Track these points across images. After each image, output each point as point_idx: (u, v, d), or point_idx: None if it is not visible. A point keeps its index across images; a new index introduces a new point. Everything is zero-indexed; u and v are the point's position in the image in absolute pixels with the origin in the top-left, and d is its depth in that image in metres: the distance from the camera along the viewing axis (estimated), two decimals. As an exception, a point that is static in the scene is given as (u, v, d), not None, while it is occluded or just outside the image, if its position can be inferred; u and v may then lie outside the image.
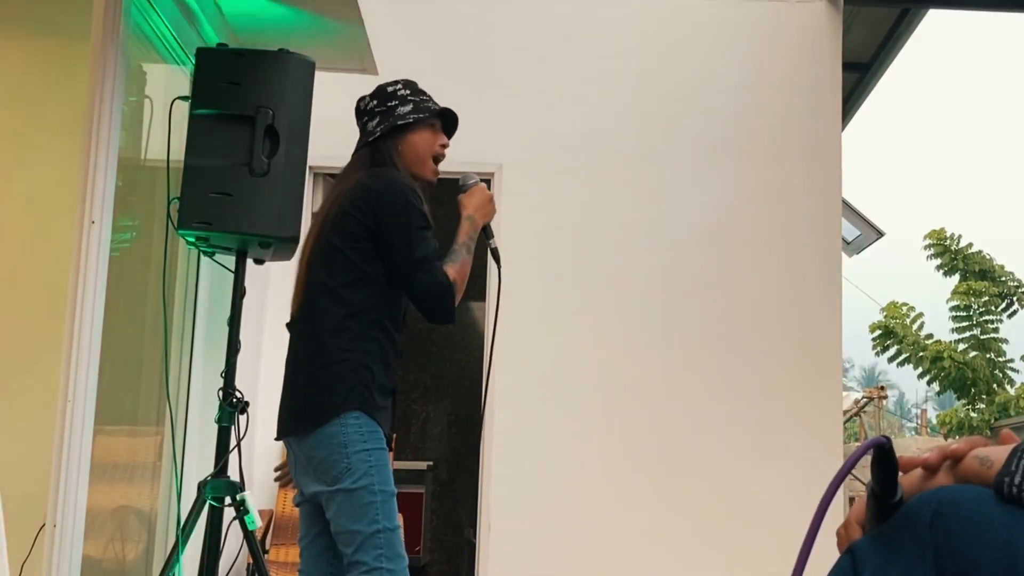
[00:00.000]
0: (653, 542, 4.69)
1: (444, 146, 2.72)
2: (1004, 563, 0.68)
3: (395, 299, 2.56)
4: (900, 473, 0.83)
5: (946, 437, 14.21)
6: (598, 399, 4.76)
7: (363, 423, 2.40)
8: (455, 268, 2.55)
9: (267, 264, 3.17)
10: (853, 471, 9.23)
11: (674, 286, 4.90)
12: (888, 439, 0.81)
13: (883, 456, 0.81)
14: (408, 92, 2.70)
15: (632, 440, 4.77)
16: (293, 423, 2.50)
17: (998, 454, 0.76)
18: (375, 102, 2.68)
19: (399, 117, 2.63)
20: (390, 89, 2.70)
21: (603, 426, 4.76)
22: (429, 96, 2.75)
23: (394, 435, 2.67)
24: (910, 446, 15.99)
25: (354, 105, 2.74)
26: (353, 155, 2.68)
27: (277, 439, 2.60)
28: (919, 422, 23.17)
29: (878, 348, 14.34)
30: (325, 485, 2.39)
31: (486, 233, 2.73)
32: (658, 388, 4.83)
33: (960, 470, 0.79)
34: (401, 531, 2.43)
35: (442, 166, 5.48)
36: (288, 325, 2.64)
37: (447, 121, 2.76)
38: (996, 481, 0.74)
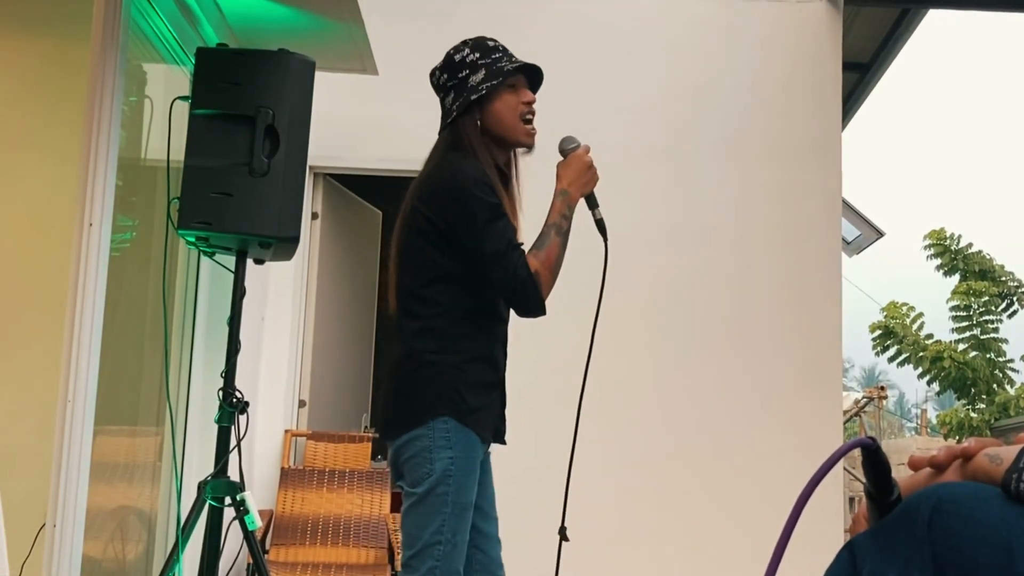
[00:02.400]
0: (651, 541, 4.69)
1: (530, 103, 2.48)
2: (1002, 561, 0.68)
3: (484, 289, 2.40)
4: (910, 472, 0.83)
5: (946, 437, 14.21)
6: (597, 398, 4.74)
7: (451, 428, 2.30)
8: (540, 256, 2.35)
9: (267, 264, 3.17)
10: (852, 471, 9.16)
11: (673, 286, 4.90)
12: (873, 439, 0.81)
13: (871, 457, 0.81)
14: (478, 55, 2.44)
15: (631, 439, 4.77)
16: (387, 427, 2.42)
17: (1009, 452, 0.76)
18: (446, 75, 2.46)
19: (473, 90, 2.40)
20: (457, 57, 2.46)
21: (602, 425, 4.75)
22: (502, 52, 2.48)
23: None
24: (910, 446, 15.98)
25: (428, 80, 2.54)
26: (438, 136, 2.51)
27: (380, 441, 2.57)
28: (919, 422, 23.16)
29: (878, 348, 14.34)
30: (407, 486, 2.34)
31: (589, 203, 2.51)
32: (658, 388, 4.83)
33: (970, 468, 0.78)
34: (464, 546, 2.34)
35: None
36: None
37: (529, 74, 2.51)
38: (1004, 478, 0.74)
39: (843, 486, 5.17)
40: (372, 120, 4.96)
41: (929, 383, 14.27)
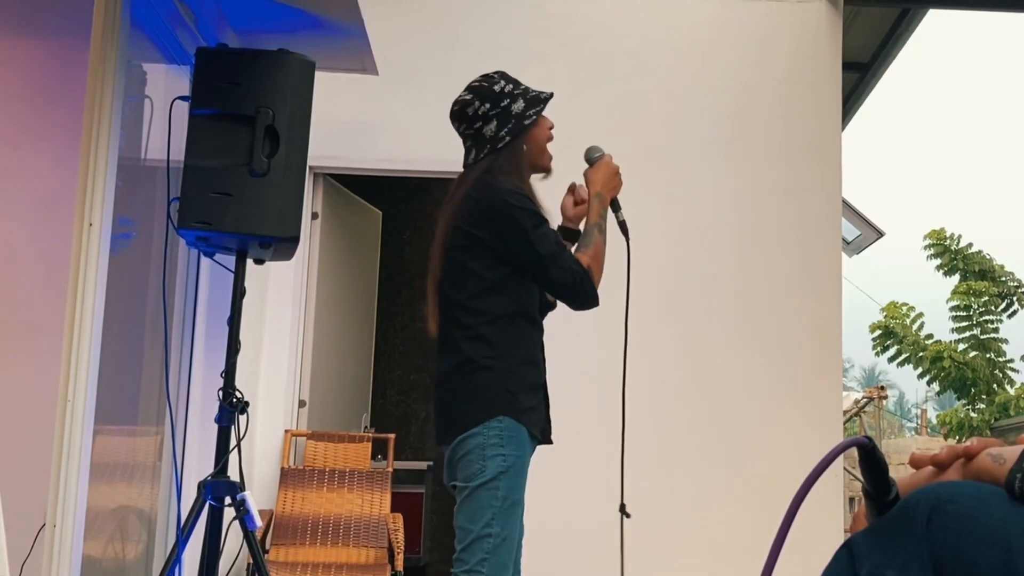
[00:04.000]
0: (651, 540, 4.69)
1: (551, 127, 2.72)
2: (1001, 560, 0.68)
3: (527, 297, 2.58)
4: (911, 470, 0.83)
5: (946, 437, 14.22)
6: (597, 397, 4.75)
7: (506, 427, 2.45)
8: (588, 252, 2.57)
9: (267, 264, 3.17)
10: (852, 471, 9.15)
11: (673, 286, 4.90)
12: (869, 439, 0.81)
13: (867, 456, 0.81)
14: (512, 86, 2.66)
15: (630, 438, 4.77)
16: (446, 430, 2.56)
17: (1012, 452, 0.76)
18: (487, 105, 2.61)
19: (522, 117, 2.62)
20: (496, 88, 2.64)
21: (602, 423, 4.75)
22: (523, 83, 2.71)
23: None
24: (910, 446, 15.98)
25: (450, 110, 2.67)
26: (474, 163, 2.62)
27: (438, 444, 2.66)
28: (919, 422, 23.16)
29: (878, 348, 14.34)
30: (461, 482, 2.47)
31: (614, 206, 2.73)
32: (657, 387, 4.83)
33: (972, 467, 0.78)
34: (513, 541, 2.46)
35: (439, 166, 5.46)
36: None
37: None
38: (1008, 478, 0.74)
39: (843, 486, 5.17)
40: (372, 120, 4.96)
41: (929, 383, 14.28)
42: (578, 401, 4.82)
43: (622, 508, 2.79)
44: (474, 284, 2.52)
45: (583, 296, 2.53)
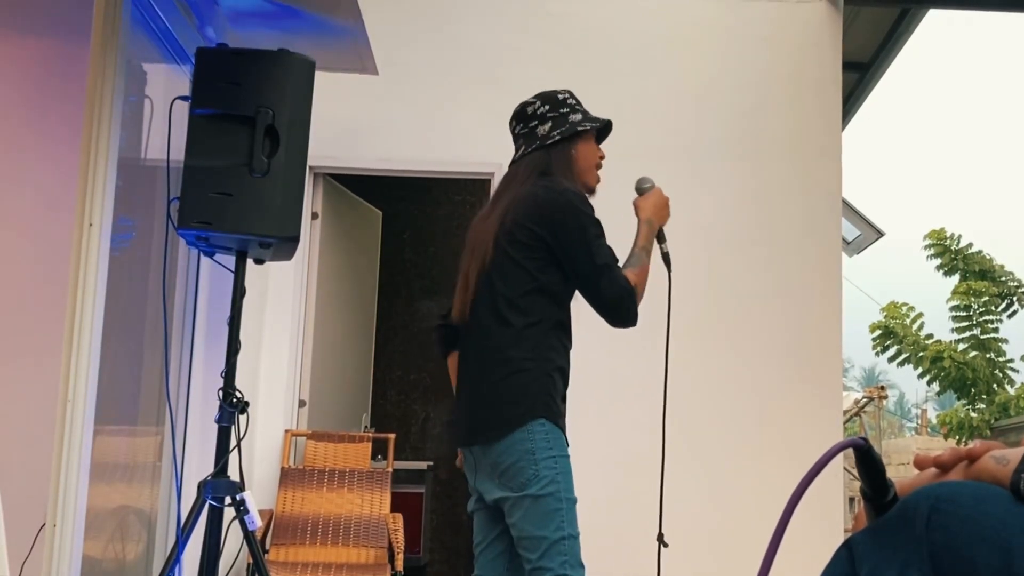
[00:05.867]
0: (650, 540, 4.68)
1: (602, 158, 2.76)
2: (1001, 562, 0.68)
3: (568, 307, 2.61)
4: (912, 470, 0.83)
5: (946, 437, 14.22)
6: (597, 397, 4.76)
7: (548, 430, 2.45)
8: (634, 272, 2.59)
9: (267, 264, 3.17)
10: (852, 471, 9.15)
11: (673, 285, 4.89)
12: (864, 439, 0.81)
13: (863, 457, 0.81)
14: (575, 102, 2.73)
15: (630, 439, 4.77)
16: (479, 432, 2.52)
17: (1015, 454, 0.76)
18: (547, 107, 2.68)
19: (576, 124, 2.66)
20: (560, 97, 2.71)
21: (601, 424, 4.76)
22: (583, 108, 2.77)
23: None
24: (910, 446, 15.99)
25: (515, 110, 2.72)
26: (521, 158, 2.67)
27: (460, 447, 2.62)
28: (919, 422, 23.18)
29: (878, 348, 14.33)
30: (511, 491, 2.43)
31: (659, 236, 2.76)
32: (657, 387, 4.83)
33: (975, 469, 0.78)
34: (578, 537, 2.48)
35: (439, 166, 5.46)
36: (437, 327, 2.72)
37: (601, 132, 2.81)
38: (1013, 479, 0.74)
39: (843, 486, 5.17)
40: (372, 120, 4.96)
41: (929, 383, 14.26)
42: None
43: (660, 537, 2.79)
44: (524, 282, 2.51)
45: (625, 313, 2.55)
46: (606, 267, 2.51)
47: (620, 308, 2.53)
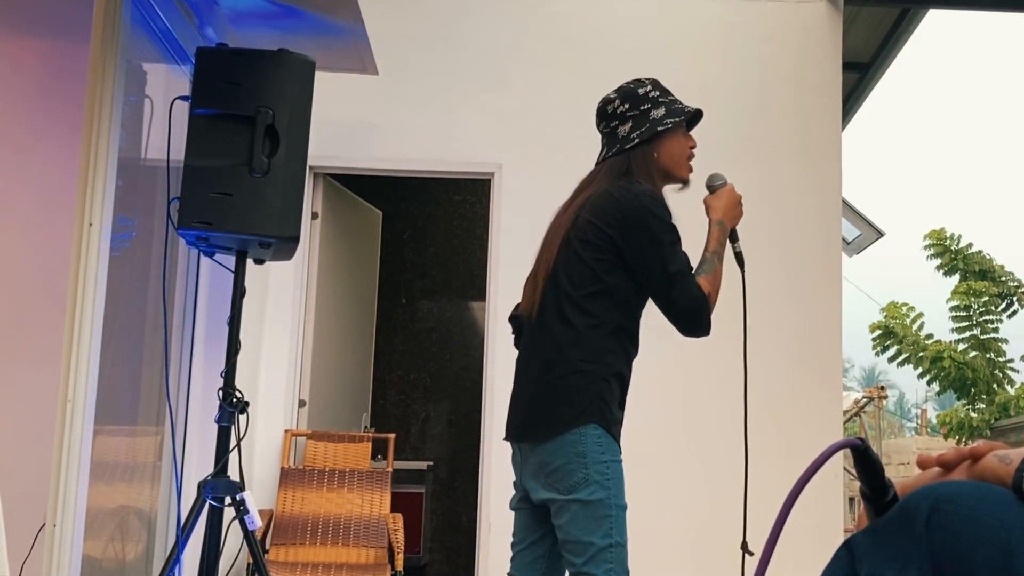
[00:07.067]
0: (650, 541, 4.69)
1: (693, 147, 2.68)
2: (1000, 562, 0.68)
3: (635, 312, 2.53)
4: (912, 470, 0.83)
5: (946, 437, 14.22)
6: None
7: (601, 435, 2.38)
8: (708, 279, 2.49)
9: (267, 264, 3.18)
10: (852, 471, 9.18)
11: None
12: (862, 440, 0.81)
13: (861, 457, 0.81)
14: (658, 94, 2.62)
15: (630, 439, 4.76)
16: (530, 429, 2.45)
17: (1019, 453, 0.76)
18: (626, 106, 2.59)
19: (656, 123, 2.56)
20: (641, 91, 2.61)
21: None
22: (674, 95, 2.67)
23: None
24: (910, 446, 15.98)
25: (597, 106, 2.66)
26: (602, 162, 2.60)
27: (506, 439, 2.55)
28: (919, 422, 23.18)
29: (878, 348, 14.33)
30: (559, 493, 2.36)
31: (732, 236, 2.68)
32: (657, 387, 4.83)
33: (978, 468, 0.78)
34: (626, 544, 2.41)
35: (439, 166, 5.44)
36: (512, 318, 2.64)
37: (692, 118, 2.71)
38: (1015, 478, 0.74)
39: (843, 486, 5.17)
40: (372, 120, 4.96)
41: (929, 383, 14.27)
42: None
43: (744, 546, 2.73)
44: (590, 283, 2.44)
45: (698, 322, 2.47)
46: (679, 274, 2.42)
47: (693, 317, 2.46)
